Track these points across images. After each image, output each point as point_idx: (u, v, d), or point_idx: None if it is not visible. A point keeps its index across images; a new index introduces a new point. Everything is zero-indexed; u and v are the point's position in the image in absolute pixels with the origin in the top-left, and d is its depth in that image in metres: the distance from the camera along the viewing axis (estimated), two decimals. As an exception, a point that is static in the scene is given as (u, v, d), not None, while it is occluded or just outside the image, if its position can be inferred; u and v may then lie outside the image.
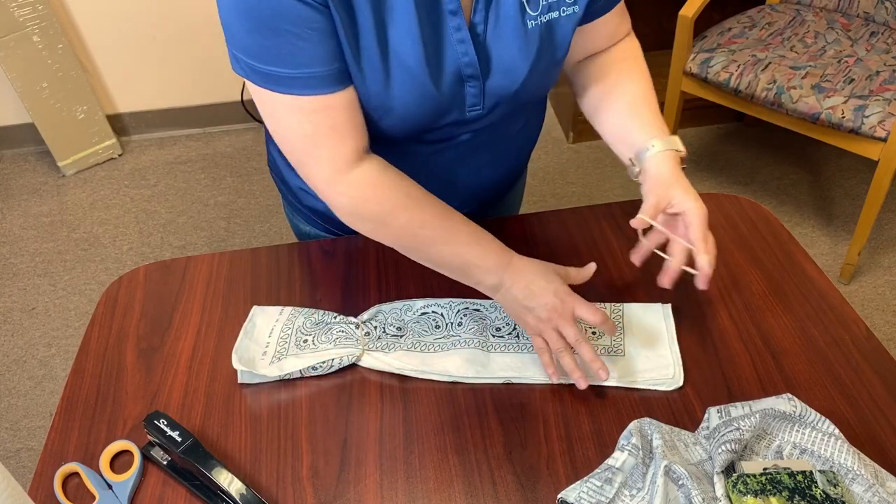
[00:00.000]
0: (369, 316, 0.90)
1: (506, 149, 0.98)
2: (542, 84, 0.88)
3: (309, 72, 0.74)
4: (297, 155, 0.81)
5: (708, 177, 2.45)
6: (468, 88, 0.83)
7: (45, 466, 0.79)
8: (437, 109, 0.83)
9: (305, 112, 0.76)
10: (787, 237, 1.01)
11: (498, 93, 0.85)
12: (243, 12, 0.71)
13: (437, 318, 0.90)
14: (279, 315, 0.91)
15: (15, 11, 2.28)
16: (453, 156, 0.93)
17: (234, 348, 0.86)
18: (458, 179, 0.97)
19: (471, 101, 0.85)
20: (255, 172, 2.56)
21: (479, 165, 0.96)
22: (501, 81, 0.84)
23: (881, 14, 2.10)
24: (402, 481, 0.76)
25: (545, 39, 0.83)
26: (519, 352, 0.86)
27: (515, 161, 1.03)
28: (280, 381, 0.86)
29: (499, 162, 0.99)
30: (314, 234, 1.09)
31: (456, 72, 0.81)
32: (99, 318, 0.95)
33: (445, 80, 0.81)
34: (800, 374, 0.84)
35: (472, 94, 0.84)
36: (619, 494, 0.72)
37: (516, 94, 0.86)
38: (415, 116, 0.83)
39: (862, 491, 0.69)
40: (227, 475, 0.73)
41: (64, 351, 2.00)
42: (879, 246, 2.17)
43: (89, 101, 2.55)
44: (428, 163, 0.93)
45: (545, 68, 0.86)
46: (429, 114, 0.83)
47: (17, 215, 2.44)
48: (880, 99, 1.78)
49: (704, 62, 1.97)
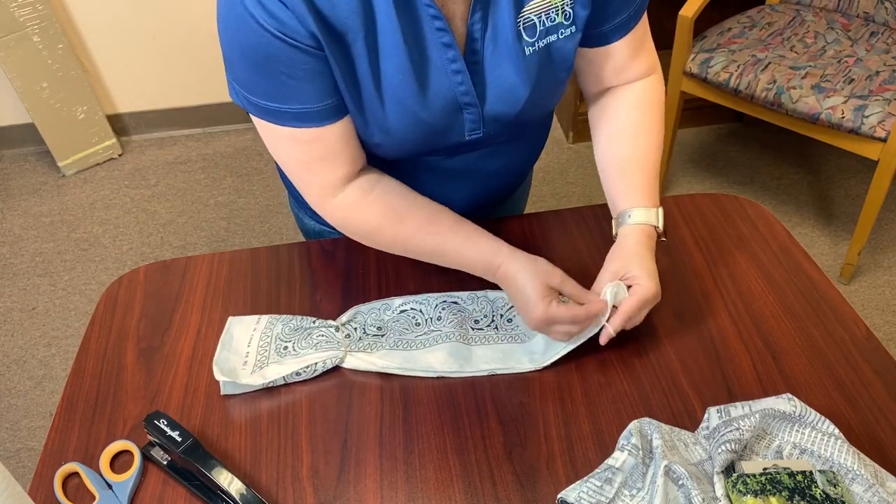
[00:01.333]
0: (348, 318, 0.91)
1: (512, 158, 0.98)
2: (545, 104, 0.89)
3: (301, 108, 0.77)
4: (292, 177, 0.87)
5: (708, 177, 2.45)
6: (466, 115, 0.84)
7: (45, 466, 0.79)
8: (434, 135, 0.85)
9: (298, 142, 0.81)
10: (787, 237, 1.01)
11: (498, 118, 0.86)
12: (239, 52, 0.74)
13: (416, 314, 0.91)
14: (256, 324, 0.90)
15: (15, 11, 2.28)
16: (459, 166, 0.94)
17: (213, 360, 0.86)
18: (464, 186, 0.98)
19: (470, 126, 0.86)
20: (255, 172, 2.56)
21: (485, 174, 0.97)
22: (501, 107, 0.84)
23: (881, 14, 2.10)
24: (402, 481, 0.76)
25: (545, 63, 0.83)
26: (498, 343, 0.87)
27: (522, 166, 1.03)
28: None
29: (504, 170, 0.99)
30: (318, 230, 1.10)
31: (452, 100, 0.82)
32: (99, 318, 0.95)
33: (440, 108, 0.82)
34: (800, 374, 0.84)
35: (470, 121, 0.85)
36: (619, 494, 0.72)
37: (518, 117, 0.86)
38: (413, 142, 0.85)
39: (862, 491, 0.69)
40: (227, 475, 0.73)
41: (64, 351, 2.00)
42: (879, 246, 2.17)
43: (89, 101, 2.55)
44: (432, 171, 0.94)
45: (547, 89, 0.86)
46: (426, 139, 0.85)
47: (17, 215, 2.44)
48: (880, 99, 1.78)
49: (704, 62, 1.97)
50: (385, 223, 0.87)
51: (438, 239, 0.88)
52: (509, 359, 0.86)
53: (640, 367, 0.85)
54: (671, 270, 0.97)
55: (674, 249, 1.00)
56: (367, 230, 0.88)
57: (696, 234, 1.02)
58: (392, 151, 0.87)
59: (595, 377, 0.84)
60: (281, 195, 2.42)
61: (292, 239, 2.29)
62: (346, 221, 0.88)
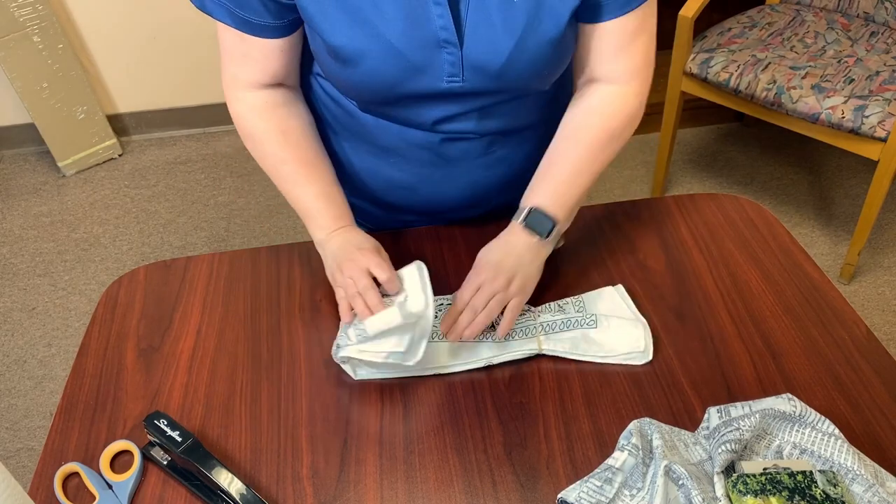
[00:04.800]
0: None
1: (513, 151, 0.98)
2: (533, 66, 0.85)
3: (242, 14, 0.83)
4: (221, 59, 0.92)
5: (708, 177, 2.45)
6: (445, 55, 0.82)
7: (45, 466, 0.79)
8: (410, 71, 0.83)
9: (230, 33, 0.87)
10: (787, 237, 1.01)
11: (479, 66, 0.83)
12: None
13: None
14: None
15: (15, 11, 2.28)
16: (453, 153, 0.93)
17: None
18: (461, 176, 0.97)
19: (449, 69, 0.83)
20: (255, 172, 2.56)
21: (482, 164, 0.96)
22: (482, 54, 0.82)
23: (881, 14, 2.10)
24: (402, 481, 0.76)
25: (533, 15, 0.80)
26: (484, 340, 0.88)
27: (524, 166, 1.01)
28: (279, 382, 0.86)
29: (504, 164, 0.98)
30: None
31: (431, 34, 0.80)
32: (99, 318, 0.95)
33: (418, 41, 0.80)
34: (800, 374, 0.84)
35: (449, 62, 0.83)
36: (619, 494, 0.72)
37: (503, 72, 0.84)
38: (383, 73, 0.83)
39: (862, 491, 0.69)
40: (227, 475, 0.73)
41: (64, 351, 2.00)
42: (879, 246, 2.17)
43: (89, 101, 2.55)
44: (438, 160, 0.94)
45: (534, 48, 0.83)
46: (398, 72, 0.83)
47: (17, 215, 2.44)
48: (880, 99, 1.78)
49: (704, 62, 1.97)
50: (274, 138, 0.92)
51: (308, 177, 0.93)
52: (504, 348, 0.86)
53: (640, 367, 0.85)
54: (671, 270, 0.97)
55: (674, 249, 1.00)
56: (254, 136, 0.93)
57: (696, 234, 1.02)
58: (358, 84, 0.86)
59: (595, 377, 0.84)
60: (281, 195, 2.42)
61: (292, 239, 2.29)
62: (239, 117, 0.93)
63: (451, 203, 1.02)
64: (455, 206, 1.02)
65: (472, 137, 0.93)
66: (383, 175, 0.98)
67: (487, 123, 0.92)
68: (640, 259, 0.98)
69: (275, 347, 0.90)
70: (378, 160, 0.97)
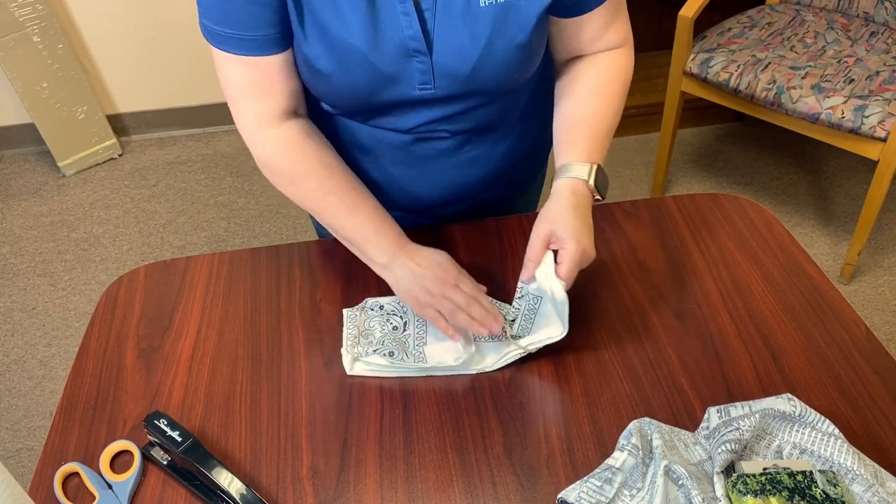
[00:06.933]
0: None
1: (490, 149, 0.98)
2: (503, 70, 0.86)
3: (244, 33, 0.81)
4: (230, 103, 0.89)
5: (708, 177, 2.45)
6: (415, 64, 0.83)
7: (45, 466, 0.79)
8: (383, 81, 0.84)
9: (234, 63, 0.84)
10: (787, 237, 1.01)
11: (449, 73, 0.84)
12: None
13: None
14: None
15: (15, 11, 2.28)
16: (428, 152, 0.94)
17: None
18: (446, 178, 0.97)
19: (420, 77, 0.84)
20: (255, 172, 2.56)
21: (458, 163, 0.96)
22: (451, 61, 0.83)
23: (881, 14, 2.10)
24: (402, 481, 0.76)
25: (499, 21, 0.81)
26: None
27: (503, 162, 1.01)
28: (279, 382, 0.86)
29: (482, 162, 0.98)
30: None
31: (400, 44, 0.81)
32: (99, 318, 0.95)
33: (389, 52, 0.81)
34: (800, 374, 0.84)
35: (420, 71, 0.84)
36: (619, 494, 0.72)
37: (472, 77, 0.84)
38: (356, 84, 0.84)
39: (862, 491, 0.69)
40: (227, 475, 0.73)
41: (64, 351, 2.00)
42: (879, 246, 2.17)
43: (89, 101, 2.55)
44: (412, 158, 0.94)
45: (502, 52, 0.83)
46: (371, 82, 0.84)
47: (17, 215, 2.44)
48: (880, 99, 1.78)
49: (704, 62, 1.97)
50: (314, 170, 0.89)
51: (356, 203, 0.90)
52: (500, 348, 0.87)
53: (640, 367, 0.85)
54: (671, 270, 0.97)
55: (674, 249, 1.00)
56: (293, 171, 0.89)
57: (696, 234, 1.02)
58: (334, 96, 0.87)
59: (595, 377, 0.84)
60: (281, 195, 2.42)
61: (292, 239, 2.29)
62: (277, 156, 0.89)
63: (430, 201, 1.02)
64: (436, 203, 1.03)
65: (446, 136, 0.93)
66: (358, 174, 0.98)
67: (463, 124, 0.93)
68: (640, 259, 0.98)
69: (275, 347, 0.90)
70: (352, 159, 0.97)
